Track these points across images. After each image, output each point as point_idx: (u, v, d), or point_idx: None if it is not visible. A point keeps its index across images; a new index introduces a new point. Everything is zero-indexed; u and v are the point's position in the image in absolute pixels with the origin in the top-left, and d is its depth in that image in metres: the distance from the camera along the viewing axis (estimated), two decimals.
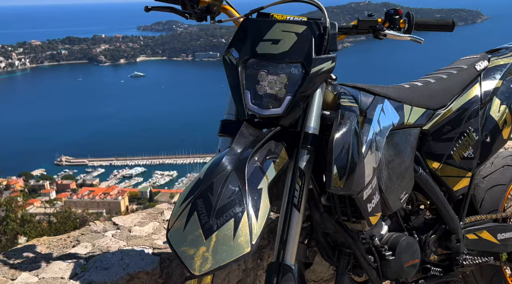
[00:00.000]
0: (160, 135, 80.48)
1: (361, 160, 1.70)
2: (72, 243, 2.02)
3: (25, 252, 1.94)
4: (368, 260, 1.94)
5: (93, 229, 2.16)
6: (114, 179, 68.95)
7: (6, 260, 1.87)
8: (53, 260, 1.87)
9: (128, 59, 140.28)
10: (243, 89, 1.68)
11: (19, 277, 1.75)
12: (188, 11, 1.96)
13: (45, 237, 2.11)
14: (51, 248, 1.99)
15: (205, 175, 1.48)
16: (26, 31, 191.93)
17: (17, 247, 2.01)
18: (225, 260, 1.33)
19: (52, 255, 1.92)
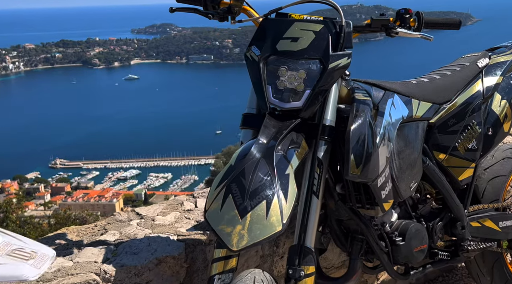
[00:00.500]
0: (155, 138, 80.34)
1: (375, 150, 1.81)
2: (100, 231, 2.12)
3: (56, 240, 2.04)
4: (380, 245, 2.05)
5: (118, 218, 2.26)
6: (109, 181, 68.76)
7: None
8: (84, 246, 1.97)
9: (122, 62, 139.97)
10: (265, 84, 1.79)
11: (54, 261, 1.85)
12: (210, 11, 2.06)
13: (73, 226, 2.21)
14: (81, 236, 2.09)
15: (236, 162, 1.59)
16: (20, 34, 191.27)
17: (49, 235, 2.11)
18: (260, 237, 1.45)
19: (83, 242, 2.02)
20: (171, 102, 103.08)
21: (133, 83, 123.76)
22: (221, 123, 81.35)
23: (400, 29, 1.87)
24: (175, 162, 73.14)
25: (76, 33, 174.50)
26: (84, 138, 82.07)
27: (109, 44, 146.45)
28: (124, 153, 73.74)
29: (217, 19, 2.07)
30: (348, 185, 1.92)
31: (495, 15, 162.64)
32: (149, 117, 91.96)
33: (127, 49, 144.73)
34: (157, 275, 1.91)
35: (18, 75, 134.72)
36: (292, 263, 1.73)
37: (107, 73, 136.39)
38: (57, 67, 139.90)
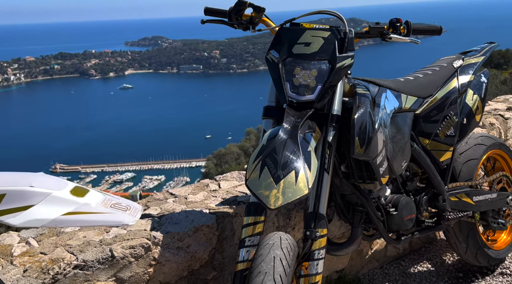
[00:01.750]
0: (148, 142, 79.85)
1: (375, 134, 2.03)
2: (143, 207, 2.32)
3: None
4: (377, 215, 2.26)
5: (156, 197, 2.46)
6: (106, 184, 68.12)
7: None
8: None
9: (117, 72, 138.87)
10: (284, 81, 1.99)
11: (111, 231, 2.05)
12: (235, 22, 2.27)
13: None
14: None
15: (267, 142, 1.81)
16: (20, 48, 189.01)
17: None
18: (292, 198, 1.67)
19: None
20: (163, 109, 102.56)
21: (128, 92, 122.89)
22: (211, 128, 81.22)
23: (393, 35, 2.09)
24: (168, 165, 72.73)
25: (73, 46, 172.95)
26: (82, 143, 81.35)
27: (105, 56, 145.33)
28: (120, 157, 73.24)
29: (241, 28, 2.27)
30: (351, 164, 2.14)
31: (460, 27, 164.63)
32: (143, 123, 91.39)
33: (121, 60, 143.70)
34: (195, 241, 2.12)
35: (19, 86, 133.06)
36: (309, 226, 1.94)
37: (103, 83, 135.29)
38: (56, 78, 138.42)
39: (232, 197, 2.42)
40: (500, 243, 2.97)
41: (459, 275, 2.89)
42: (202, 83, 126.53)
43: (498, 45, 2.98)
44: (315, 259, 1.90)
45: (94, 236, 1.98)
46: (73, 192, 1.25)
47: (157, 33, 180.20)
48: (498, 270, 2.91)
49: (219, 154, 34.99)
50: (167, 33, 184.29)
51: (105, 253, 1.87)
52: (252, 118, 62.25)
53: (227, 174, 2.81)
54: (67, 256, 1.81)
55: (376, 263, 2.96)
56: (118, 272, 1.90)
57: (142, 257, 1.95)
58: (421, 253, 3.13)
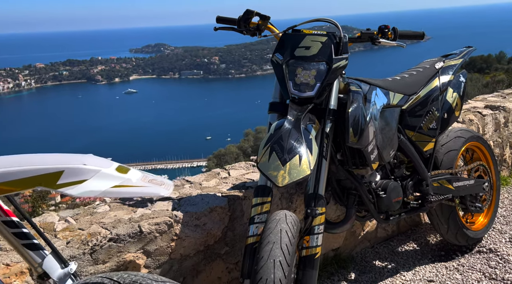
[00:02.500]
0: (152, 144, 79.82)
1: (366, 125, 2.20)
2: (174, 184, 2.47)
3: (134, 198, 2.40)
4: (368, 198, 2.42)
5: (174, 184, 2.62)
6: None
7: (121, 203, 2.33)
8: (154, 202, 2.34)
9: (122, 78, 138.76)
10: (287, 80, 2.14)
11: (138, 210, 2.21)
12: (243, 29, 2.43)
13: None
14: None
15: (274, 132, 1.97)
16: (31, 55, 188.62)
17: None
18: (296, 177, 1.84)
19: (153, 200, 2.38)
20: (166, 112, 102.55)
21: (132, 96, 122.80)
22: (210, 130, 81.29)
23: (382, 39, 2.25)
24: (171, 165, 72.70)
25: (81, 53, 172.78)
26: (89, 145, 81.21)
27: (110, 62, 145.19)
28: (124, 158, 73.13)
29: (249, 34, 2.43)
30: (346, 152, 2.31)
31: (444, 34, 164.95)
32: (146, 126, 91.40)
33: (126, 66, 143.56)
34: (210, 219, 2.28)
35: (29, 91, 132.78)
36: (310, 205, 2.10)
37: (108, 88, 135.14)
38: (64, 83, 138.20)
39: (241, 183, 2.58)
40: (478, 225, 3.12)
41: (441, 253, 3.04)
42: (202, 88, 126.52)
43: (475, 49, 3.13)
44: (315, 233, 2.07)
45: (123, 215, 2.14)
46: (118, 170, 1.42)
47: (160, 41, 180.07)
48: (475, 248, 3.05)
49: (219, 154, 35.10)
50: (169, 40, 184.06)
51: (134, 228, 2.04)
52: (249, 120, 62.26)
53: (235, 164, 2.97)
54: (102, 231, 1.98)
55: (367, 243, 3.12)
56: (145, 245, 2.06)
57: (166, 233, 2.12)
58: (407, 235, 3.29)
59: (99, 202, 2.39)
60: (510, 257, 2.91)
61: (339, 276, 2.80)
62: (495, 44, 65.43)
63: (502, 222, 3.38)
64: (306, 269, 2.02)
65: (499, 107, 4.06)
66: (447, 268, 2.86)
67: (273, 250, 1.82)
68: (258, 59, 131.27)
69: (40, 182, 1.31)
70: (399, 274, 2.81)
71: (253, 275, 1.83)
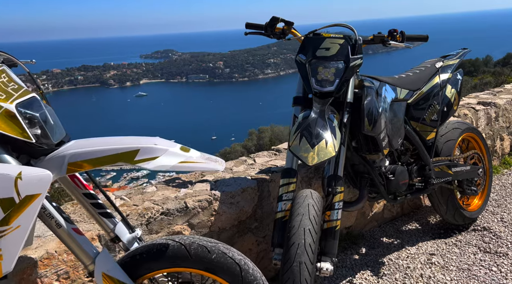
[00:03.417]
0: None
1: (379, 116, 2.36)
2: (200, 177, 2.65)
3: (176, 180, 2.58)
4: (379, 180, 2.58)
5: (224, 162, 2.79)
6: (124, 180, 67.87)
7: (165, 185, 2.51)
8: (193, 183, 2.51)
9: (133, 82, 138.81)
10: (310, 77, 2.30)
11: (181, 190, 2.39)
12: (270, 33, 2.59)
13: (181, 174, 2.73)
14: (188, 178, 2.62)
15: (302, 120, 2.14)
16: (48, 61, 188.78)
17: (168, 179, 2.64)
18: (323, 158, 2.01)
19: (192, 181, 2.55)
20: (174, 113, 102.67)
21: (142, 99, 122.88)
22: (216, 130, 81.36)
23: (392, 41, 2.42)
24: None
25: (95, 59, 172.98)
26: None
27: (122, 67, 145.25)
28: None
29: (275, 38, 2.58)
30: (360, 140, 2.48)
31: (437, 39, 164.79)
32: (155, 126, 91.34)
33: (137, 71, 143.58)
34: (242, 198, 2.46)
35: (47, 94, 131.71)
36: (330, 185, 2.27)
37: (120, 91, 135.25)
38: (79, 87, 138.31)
39: (266, 168, 2.76)
40: (473, 206, 3.28)
41: (440, 231, 3.21)
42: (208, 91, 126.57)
43: (470, 50, 3.28)
44: (336, 208, 2.24)
45: (169, 194, 2.32)
46: (181, 149, 1.59)
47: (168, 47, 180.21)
48: (471, 227, 3.22)
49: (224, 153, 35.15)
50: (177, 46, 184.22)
51: (181, 204, 2.21)
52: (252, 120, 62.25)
53: (259, 153, 3.15)
54: (155, 207, 2.16)
55: (375, 222, 3.30)
56: (190, 219, 2.24)
57: (206, 209, 2.30)
58: (410, 216, 3.46)
59: (147, 183, 2.56)
60: (502, 234, 3.07)
61: (352, 250, 2.97)
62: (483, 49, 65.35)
63: (494, 205, 3.54)
64: (328, 239, 2.19)
65: (490, 103, 4.23)
66: (446, 243, 3.03)
67: (302, 220, 2.00)
68: (260, 63, 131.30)
69: (121, 159, 1.49)
70: (404, 248, 2.98)
71: (286, 242, 2.00)
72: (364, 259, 2.86)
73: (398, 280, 2.62)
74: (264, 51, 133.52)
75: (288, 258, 1.94)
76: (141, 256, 1.59)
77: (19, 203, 1.28)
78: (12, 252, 1.28)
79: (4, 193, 1.26)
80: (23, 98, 1.46)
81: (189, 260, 1.59)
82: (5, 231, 1.27)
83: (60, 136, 1.53)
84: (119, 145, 1.50)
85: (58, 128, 1.55)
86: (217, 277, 1.62)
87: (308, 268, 1.91)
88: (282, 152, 3.13)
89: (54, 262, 1.79)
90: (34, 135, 1.42)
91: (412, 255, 2.88)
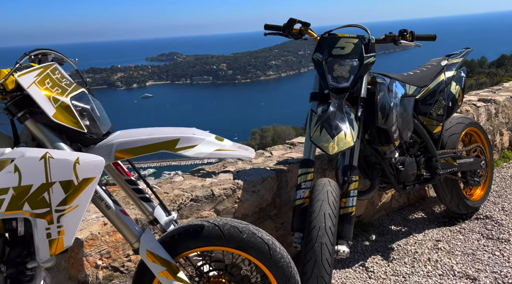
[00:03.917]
0: None
1: (391, 110, 2.45)
2: (222, 168, 2.74)
3: (200, 171, 2.67)
4: (389, 170, 2.66)
5: (229, 161, 2.88)
6: None
7: (191, 175, 2.60)
8: (216, 174, 2.60)
9: (139, 83, 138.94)
10: (326, 74, 2.38)
11: (206, 180, 2.48)
12: (288, 34, 2.68)
13: (204, 165, 2.83)
14: (212, 169, 2.71)
15: (322, 113, 2.24)
16: None
17: (196, 169, 2.73)
18: (343, 147, 2.10)
19: (215, 172, 2.64)
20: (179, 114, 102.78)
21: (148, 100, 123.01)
22: (219, 130, 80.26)
23: (402, 41, 2.51)
24: (184, 162, 72.48)
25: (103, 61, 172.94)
26: None
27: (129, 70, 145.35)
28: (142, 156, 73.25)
29: (293, 38, 2.67)
30: (373, 133, 2.57)
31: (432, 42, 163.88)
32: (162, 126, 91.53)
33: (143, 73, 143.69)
34: (263, 187, 2.54)
35: None
36: (346, 174, 2.36)
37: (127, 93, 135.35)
38: None
39: (283, 160, 2.85)
40: (476, 196, 3.36)
41: (445, 220, 3.29)
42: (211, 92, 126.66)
43: (472, 50, 3.37)
44: (351, 196, 2.33)
45: (196, 183, 2.42)
46: (216, 138, 1.69)
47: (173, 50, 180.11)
48: (474, 216, 3.30)
49: None
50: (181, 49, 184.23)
51: (208, 192, 2.31)
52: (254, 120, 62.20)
53: (274, 146, 3.24)
54: (185, 194, 2.25)
55: (384, 212, 3.38)
56: (216, 205, 2.34)
57: (231, 196, 2.39)
58: (416, 206, 3.55)
59: (173, 174, 2.66)
60: (503, 222, 3.16)
61: (362, 237, 3.06)
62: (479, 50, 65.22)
63: (495, 196, 3.62)
64: (345, 224, 2.28)
65: (490, 100, 4.31)
66: (451, 231, 3.11)
67: (323, 205, 2.09)
68: (262, 65, 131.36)
69: (163, 147, 1.59)
70: (412, 235, 3.07)
71: (307, 225, 2.09)
72: (374, 245, 2.95)
73: (407, 264, 2.71)
74: (265, 54, 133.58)
75: (310, 239, 2.03)
76: (179, 236, 1.68)
77: (77, 185, 1.38)
78: (72, 229, 1.38)
79: (65, 176, 1.36)
80: (75, 93, 1.56)
81: (223, 239, 1.68)
82: (66, 210, 1.36)
83: (106, 127, 1.63)
84: (161, 135, 1.60)
85: (104, 119, 1.65)
86: (247, 255, 1.71)
87: (329, 249, 2.00)
88: (297, 145, 3.22)
89: (98, 243, 1.88)
90: (85, 125, 1.52)
91: (419, 241, 2.97)
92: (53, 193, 1.35)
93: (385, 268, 2.68)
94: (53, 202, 1.35)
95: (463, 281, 2.50)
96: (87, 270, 1.86)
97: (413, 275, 2.59)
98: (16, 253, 1.42)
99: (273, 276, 1.73)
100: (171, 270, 1.61)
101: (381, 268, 2.68)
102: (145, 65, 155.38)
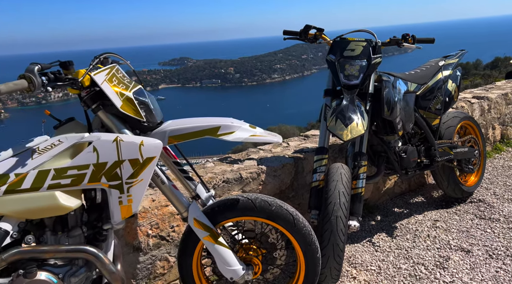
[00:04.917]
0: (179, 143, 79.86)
1: (395, 104, 2.65)
2: (246, 156, 2.95)
3: (228, 158, 2.88)
4: (394, 158, 2.85)
5: (252, 150, 3.08)
6: None
7: (220, 162, 2.81)
8: (242, 161, 2.80)
9: (152, 87, 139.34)
10: (339, 72, 2.59)
11: (234, 165, 2.69)
12: (304, 38, 2.88)
13: (230, 154, 3.03)
14: (237, 157, 2.91)
15: (336, 106, 2.44)
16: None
17: (222, 157, 2.94)
18: (355, 135, 2.30)
19: (241, 159, 2.85)
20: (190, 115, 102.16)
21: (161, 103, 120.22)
22: None
23: (405, 43, 2.70)
24: (194, 160, 72.53)
25: None
26: None
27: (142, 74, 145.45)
28: None
29: (309, 42, 2.87)
30: (379, 124, 2.77)
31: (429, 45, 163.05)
32: None
33: (155, 77, 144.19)
34: (283, 172, 2.75)
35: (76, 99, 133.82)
36: (356, 159, 2.57)
37: None
38: None
39: (299, 149, 3.05)
40: (470, 182, 3.53)
41: (442, 203, 3.47)
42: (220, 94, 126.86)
43: (467, 51, 3.54)
44: (361, 178, 2.53)
45: (226, 168, 2.63)
46: (250, 126, 1.90)
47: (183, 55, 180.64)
48: (468, 200, 3.47)
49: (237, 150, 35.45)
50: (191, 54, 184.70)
51: (237, 175, 2.52)
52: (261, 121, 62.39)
53: (290, 138, 3.44)
54: (217, 176, 2.47)
55: (387, 196, 3.58)
56: (243, 187, 2.55)
57: (256, 179, 2.60)
58: (416, 191, 3.73)
59: (205, 161, 2.87)
60: (494, 204, 3.34)
61: (369, 218, 3.26)
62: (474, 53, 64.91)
63: (487, 183, 3.80)
64: (355, 202, 2.49)
65: (483, 97, 4.48)
66: (448, 212, 3.30)
67: (337, 185, 2.30)
68: (267, 69, 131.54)
69: (207, 133, 1.81)
70: (413, 216, 3.26)
71: (324, 202, 2.30)
72: (379, 225, 3.15)
73: (409, 239, 2.91)
74: (271, 58, 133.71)
75: (326, 213, 2.24)
76: (219, 208, 1.90)
77: (142, 163, 1.60)
78: (138, 198, 1.60)
79: (133, 155, 1.58)
80: (135, 89, 1.78)
81: (255, 210, 1.89)
82: (134, 182, 1.58)
83: (159, 117, 1.85)
84: (205, 123, 1.82)
85: (157, 111, 1.87)
86: (276, 224, 1.92)
87: (343, 221, 2.21)
88: (310, 137, 3.43)
89: (148, 215, 2.10)
90: (144, 115, 1.74)
91: (419, 221, 3.16)
92: (124, 168, 1.57)
93: (389, 243, 2.88)
94: (124, 175, 1.57)
95: (458, 253, 2.69)
96: (140, 238, 2.08)
97: (414, 248, 2.78)
98: (94, 217, 1.65)
99: (297, 242, 1.94)
100: (213, 235, 1.82)
101: (386, 243, 2.88)
102: (158, 69, 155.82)
